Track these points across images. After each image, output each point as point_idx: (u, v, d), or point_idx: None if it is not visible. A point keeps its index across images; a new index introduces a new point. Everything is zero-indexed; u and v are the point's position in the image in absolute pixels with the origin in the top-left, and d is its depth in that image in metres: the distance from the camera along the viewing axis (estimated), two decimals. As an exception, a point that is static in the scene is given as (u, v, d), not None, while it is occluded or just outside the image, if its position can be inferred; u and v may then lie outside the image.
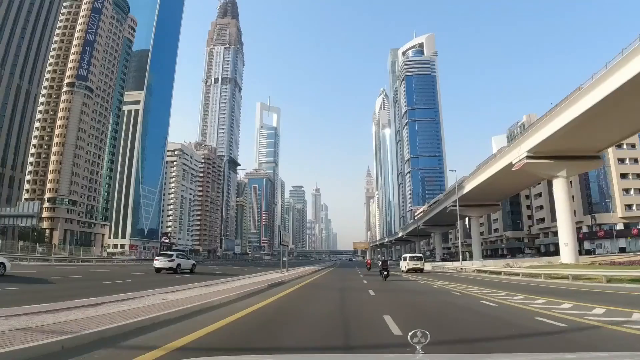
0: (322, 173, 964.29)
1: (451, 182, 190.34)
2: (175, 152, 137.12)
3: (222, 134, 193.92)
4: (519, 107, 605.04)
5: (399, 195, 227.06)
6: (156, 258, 26.02)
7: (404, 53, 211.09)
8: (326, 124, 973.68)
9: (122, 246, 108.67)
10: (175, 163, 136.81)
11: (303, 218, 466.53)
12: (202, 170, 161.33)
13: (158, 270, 24.29)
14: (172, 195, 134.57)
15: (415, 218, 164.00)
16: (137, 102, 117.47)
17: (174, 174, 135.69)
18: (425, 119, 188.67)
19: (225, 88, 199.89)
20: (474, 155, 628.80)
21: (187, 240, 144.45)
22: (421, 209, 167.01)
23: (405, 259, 36.16)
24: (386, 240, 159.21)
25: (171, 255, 26.02)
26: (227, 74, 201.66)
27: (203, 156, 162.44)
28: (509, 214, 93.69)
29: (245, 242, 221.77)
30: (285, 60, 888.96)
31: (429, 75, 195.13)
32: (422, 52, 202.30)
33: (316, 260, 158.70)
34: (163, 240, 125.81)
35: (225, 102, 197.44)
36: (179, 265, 25.04)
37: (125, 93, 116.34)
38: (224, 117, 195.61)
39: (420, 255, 36.37)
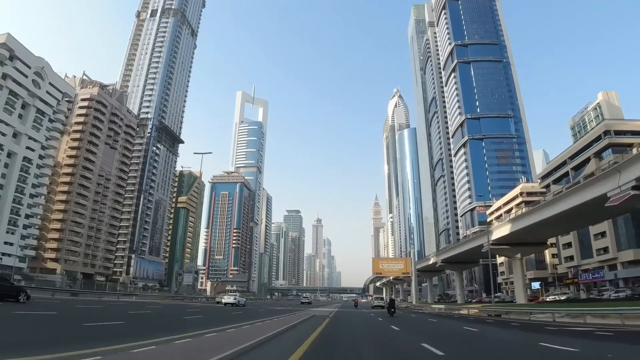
0: (324, 207, 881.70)
1: (540, 157, 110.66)
2: (-20, 47, 61.60)
3: (151, 86, 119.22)
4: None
5: (434, 199, 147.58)
6: None
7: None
8: (328, 153, 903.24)
9: None
10: (-26, 69, 60.97)
11: (299, 249, 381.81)
12: (81, 119, 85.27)
13: None
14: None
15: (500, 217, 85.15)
16: None
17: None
18: (485, 58, 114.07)
19: (166, 22, 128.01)
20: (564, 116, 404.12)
21: (13, 246, 64.96)
22: (507, 199, 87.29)
23: (375, 298, 52.96)
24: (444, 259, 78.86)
25: None
26: (170, 4, 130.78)
27: (89, 96, 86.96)
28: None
29: (192, 267, 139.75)
30: (279, 78, 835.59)
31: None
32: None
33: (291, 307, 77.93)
34: None
35: (162, 42, 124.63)
36: None
37: None
38: (157, 62, 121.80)
39: (382, 296, 43.89)
